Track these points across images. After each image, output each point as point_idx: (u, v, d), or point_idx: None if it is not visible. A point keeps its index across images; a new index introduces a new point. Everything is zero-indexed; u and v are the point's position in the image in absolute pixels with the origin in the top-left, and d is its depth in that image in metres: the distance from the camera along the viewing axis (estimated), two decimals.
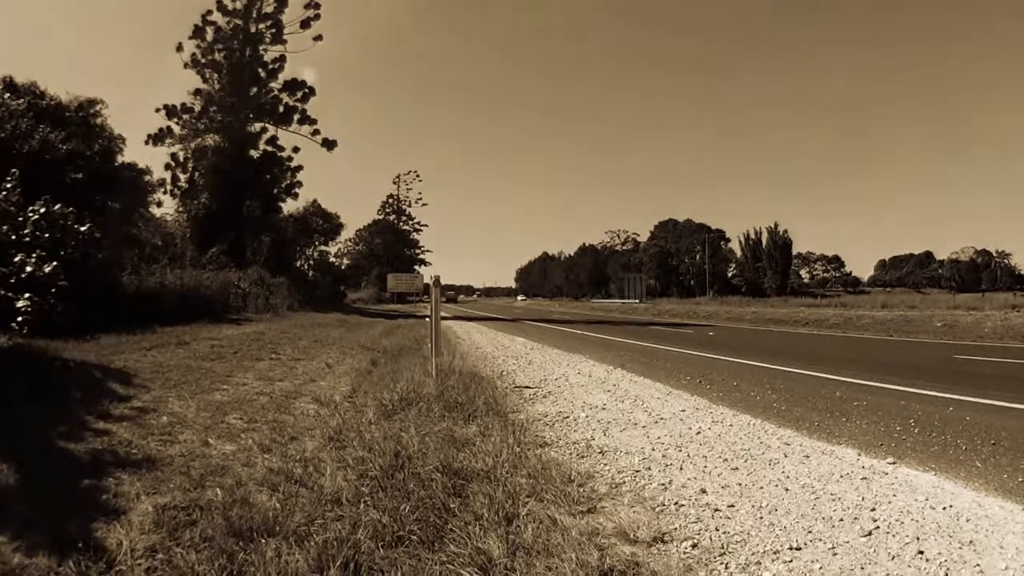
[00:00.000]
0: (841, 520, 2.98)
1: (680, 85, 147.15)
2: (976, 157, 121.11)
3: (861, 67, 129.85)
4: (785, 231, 72.41)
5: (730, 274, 78.85)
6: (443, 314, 8.40)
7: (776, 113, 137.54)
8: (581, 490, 3.41)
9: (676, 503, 3.28)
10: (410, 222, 73.51)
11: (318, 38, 31.70)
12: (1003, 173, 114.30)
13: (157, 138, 29.95)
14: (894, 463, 3.95)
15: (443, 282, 7.75)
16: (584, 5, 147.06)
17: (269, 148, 31.88)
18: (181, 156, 30.23)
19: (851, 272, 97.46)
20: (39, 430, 4.43)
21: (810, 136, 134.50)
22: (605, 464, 4.04)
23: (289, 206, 37.09)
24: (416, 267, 67.76)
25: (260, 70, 31.26)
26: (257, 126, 31.60)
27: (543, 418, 5.51)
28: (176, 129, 30.35)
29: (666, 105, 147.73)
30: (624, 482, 3.66)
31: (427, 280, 8.34)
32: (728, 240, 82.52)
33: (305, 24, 31.47)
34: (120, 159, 19.31)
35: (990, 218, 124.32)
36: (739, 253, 78.63)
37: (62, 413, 4.93)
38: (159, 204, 29.62)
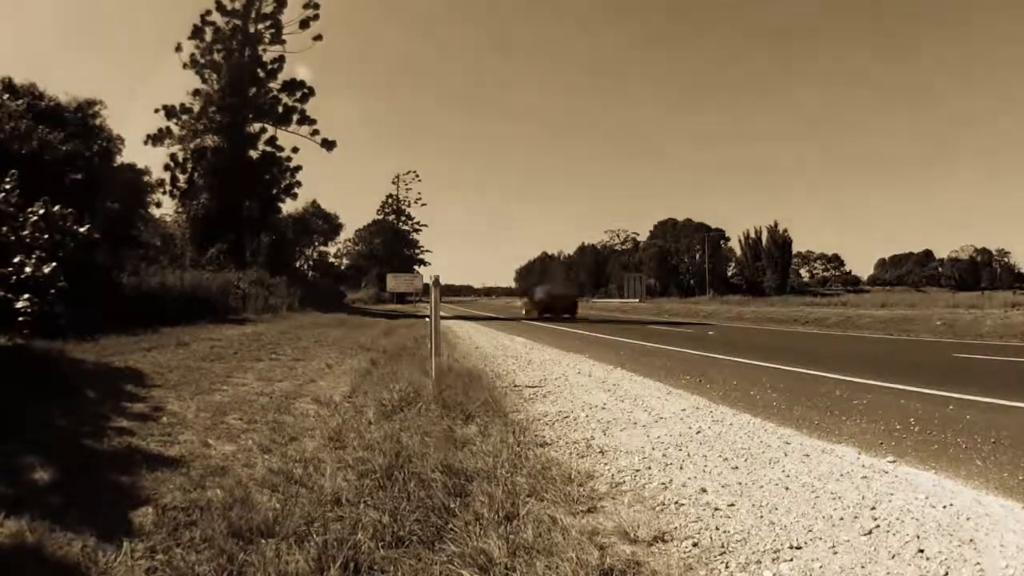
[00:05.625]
0: (841, 519, 2.97)
1: (680, 86, 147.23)
2: (976, 156, 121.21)
3: (861, 66, 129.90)
4: (785, 230, 72.67)
5: (730, 273, 78.94)
6: (443, 314, 8.39)
7: (776, 112, 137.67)
8: (581, 489, 3.40)
9: (676, 502, 3.27)
10: (409, 222, 73.63)
11: (317, 38, 31.78)
12: (1004, 172, 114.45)
13: (156, 138, 30.01)
14: (894, 462, 3.94)
15: (442, 282, 7.73)
16: (585, 8, 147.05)
17: (268, 148, 31.95)
18: (180, 156, 30.31)
19: (851, 271, 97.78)
20: (35, 430, 4.42)
21: (810, 135, 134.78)
22: (605, 463, 4.03)
23: (288, 206, 37.33)
24: (416, 267, 67.79)
25: (259, 70, 31.31)
26: (256, 126, 31.68)
27: (543, 418, 5.51)
28: (175, 129, 30.43)
29: (667, 105, 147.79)
30: (624, 481, 3.65)
31: (427, 280, 8.32)
32: (728, 239, 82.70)
33: (304, 24, 31.55)
34: (119, 160, 19.36)
35: (990, 217, 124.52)
36: (739, 252, 78.73)
37: (59, 413, 4.93)
38: (159, 204, 29.80)
